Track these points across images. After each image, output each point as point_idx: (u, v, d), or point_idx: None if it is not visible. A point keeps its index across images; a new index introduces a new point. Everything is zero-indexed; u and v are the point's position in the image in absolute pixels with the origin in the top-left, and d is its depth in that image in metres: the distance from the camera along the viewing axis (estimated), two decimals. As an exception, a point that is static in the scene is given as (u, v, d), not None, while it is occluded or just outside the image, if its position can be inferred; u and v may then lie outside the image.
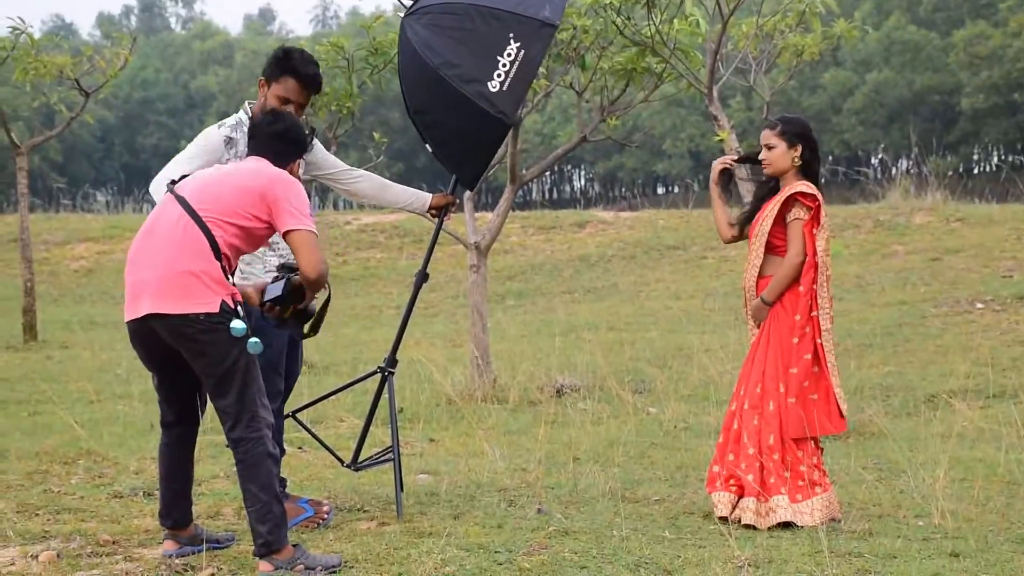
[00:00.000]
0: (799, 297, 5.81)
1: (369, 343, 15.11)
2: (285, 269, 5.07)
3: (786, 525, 5.67)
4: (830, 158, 55.40)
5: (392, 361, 6.24)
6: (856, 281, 18.10)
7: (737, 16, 9.49)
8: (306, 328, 5.14)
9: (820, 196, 5.86)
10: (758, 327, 5.95)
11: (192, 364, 4.79)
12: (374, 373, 6.32)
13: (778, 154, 5.94)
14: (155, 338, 4.79)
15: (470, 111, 5.65)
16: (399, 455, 6.07)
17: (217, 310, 4.66)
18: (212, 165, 5.36)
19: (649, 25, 9.16)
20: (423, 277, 6.21)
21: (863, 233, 21.74)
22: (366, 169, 6.72)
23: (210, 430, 6.89)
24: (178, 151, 5.61)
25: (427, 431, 8.64)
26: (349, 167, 6.19)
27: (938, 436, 7.92)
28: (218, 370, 4.72)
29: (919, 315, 14.73)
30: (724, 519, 5.75)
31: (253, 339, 4.70)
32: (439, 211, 6.21)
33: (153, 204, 5.13)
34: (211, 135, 5.61)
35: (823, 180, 6.10)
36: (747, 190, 8.93)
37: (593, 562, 5.00)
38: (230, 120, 5.74)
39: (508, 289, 20.88)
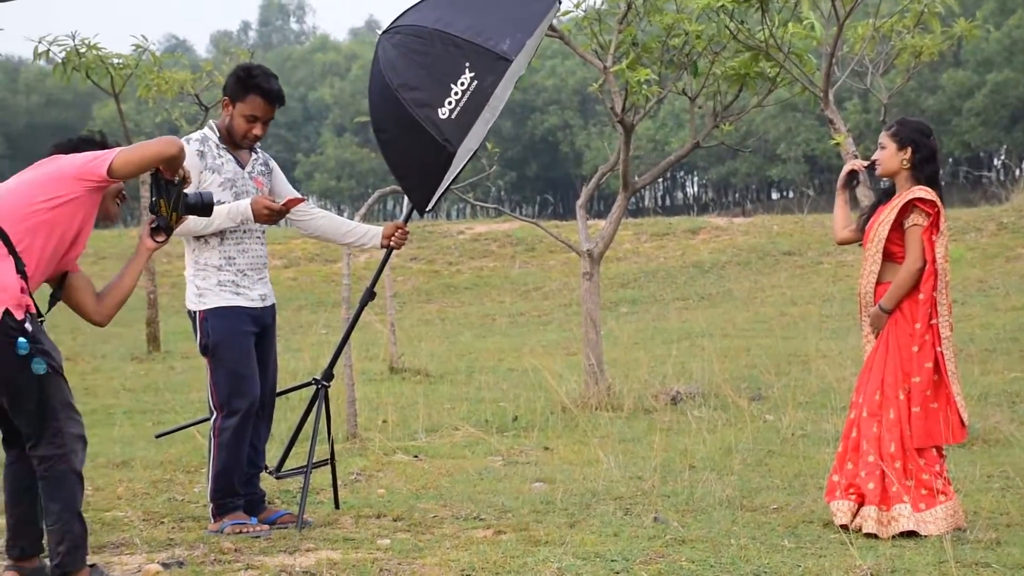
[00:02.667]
0: (919, 305, 5.71)
1: (483, 351, 15.17)
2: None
3: (909, 534, 5.56)
4: (951, 160, 54.26)
5: (328, 375, 6.19)
6: (979, 285, 17.71)
7: (853, 18, 9.34)
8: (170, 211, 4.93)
9: (940, 202, 5.75)
10: (876, 335, 5.86)
11: None
12: (308, 384, 6.31)
13: (887, 155, 5.85)
14: None
15: (419, 135, 5.64)
16: (310, 470, 6.04)
17: None
18: (197, 181, 5.61)
19: (763, 29, 9.07)
20: (370, 295, 6.16)
21: (986, 236, 21.26)
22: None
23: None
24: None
25: (542, 439, 8.65)
26: (309, 203, 6.19)
27: (1067, 444, 7.71)
28: (9, 388, 4.52)
29: (1045, 320, 14.35)
30: (845, 527, 5.66)
31: (36, 359, 4.47)
32: (389, 240, 6.15)
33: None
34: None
35: (943, 183, 5.97)
36: (864, 194, 8.79)
37: (711, 571, 4.96)
38: (196, 135, 5.89)
39: (621, 296, 20.82)
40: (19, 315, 4.48)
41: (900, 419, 5.69)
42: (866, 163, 6.13)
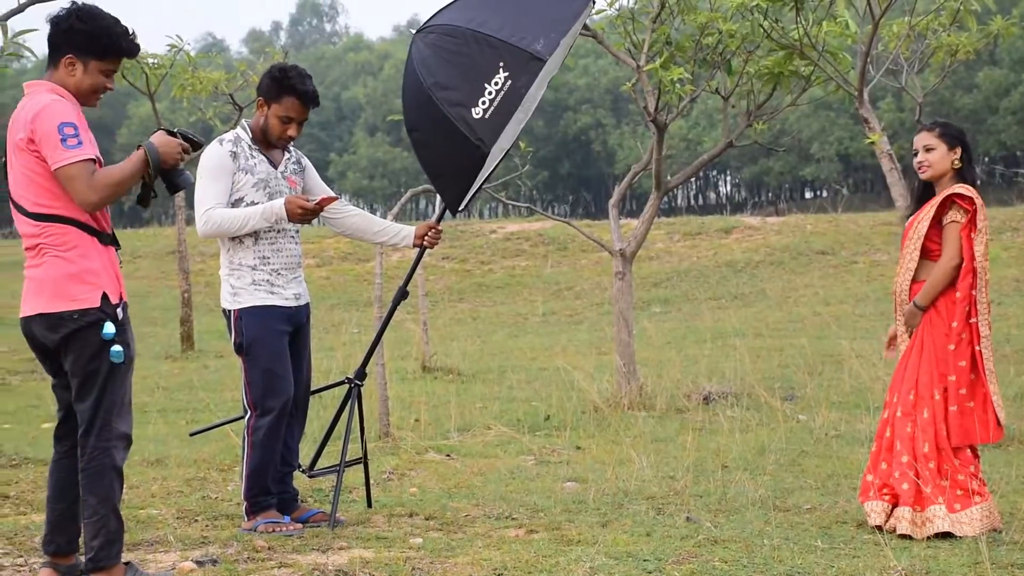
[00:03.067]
0: (956, 303, 5.68)
1: (515, 351, 15.18)
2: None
3: (944, 535, 5.53)
4: (986, 159, 53.88)
5: (361, 374, 6.20)
6: (1015, 285, 17.57)
7: (888, 16, 9.29)
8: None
9: (979, 199, 5.72)
10: (910, 333, 5.83)
11: (63, 361, 4.64)
12: (341, 383, 6.33)
13: (938, 156, 5.82)
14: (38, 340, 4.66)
15: (452, 134, 5.63)
16: (343, 469, 6.05)
17: (97, 304, 4.52)
18: (231, 182, 5.67)
19: (797, 28, 9.03)
20: (402, 295, 6.16)
21: (1022, 236, 21.10)
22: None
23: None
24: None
25: (574, 439, 8.64)
26: (342, 201, 6.21)
27: (1104, 445, 7.64)
28: (84, 371, 4.57)
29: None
30: (879, 528, 5.63)
31: (115, 347, 4.55)
32: (421, 240, 6.18)
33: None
34: (217, 153, 5.79)
35: (979, 182, 5.95)
36: (899, 194, 8.73)
37: (744, 571, 4.94)
38: (229, 136, 5.90)
39: (654, 296, 20.78)
40: (114, 299, 4.59)
41: (935, 419, 5.66)
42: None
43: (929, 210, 5.77)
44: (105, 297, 4.56)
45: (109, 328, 4.54)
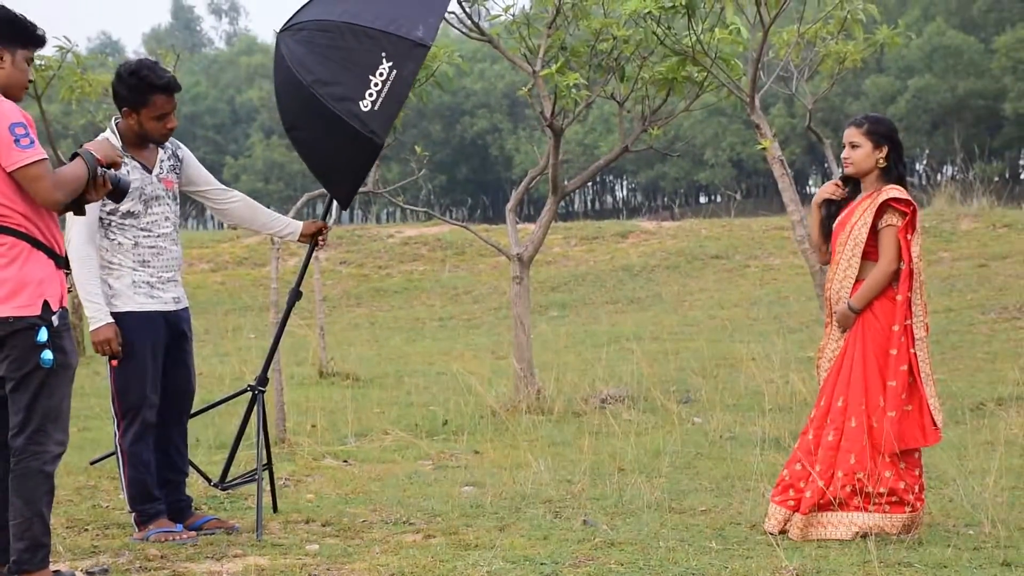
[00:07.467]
0: (896, 306, 5.59)
1: (412, 355, 15.14)
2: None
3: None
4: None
5: (263, 380, 6.18)
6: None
7: (778, 24, 9.45)
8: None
9: (913, 201, 5.67)
10: (843, 334, 5.74)
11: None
12: (244, 391, 6.30)
13: (862, 154, 5.71)
14: None
15: (342, 130, 5.63)
16: (262, 477, 6.01)
17: (38, 312, 4.52)
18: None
19: (689, 35, 9.14)
20: (296, 295, 6.14)
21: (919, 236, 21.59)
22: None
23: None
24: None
25: (471, 443, 8.64)
26: (224, 187, 6.18)
27: (986, 444, 7.85)
28: (17, 373, 4.56)
29: (966, 322, 14.60)
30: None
31: (47, 351, 4.53)
32: (310, 238, 6.18)
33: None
34: None
35: (906, 178, 5.86)
36: (790, 199, 8.88)
37: (640, 573, 4.99)
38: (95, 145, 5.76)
39: (551, 300, 20.86)
40: (54, 306, 4.56)
41: (870, 426, 5.56)
42: (841, 191, 5.91)
43: (867, 216, 5.65)
44: (46, 304, 4.53)
45: (42, 334, 4.51)
